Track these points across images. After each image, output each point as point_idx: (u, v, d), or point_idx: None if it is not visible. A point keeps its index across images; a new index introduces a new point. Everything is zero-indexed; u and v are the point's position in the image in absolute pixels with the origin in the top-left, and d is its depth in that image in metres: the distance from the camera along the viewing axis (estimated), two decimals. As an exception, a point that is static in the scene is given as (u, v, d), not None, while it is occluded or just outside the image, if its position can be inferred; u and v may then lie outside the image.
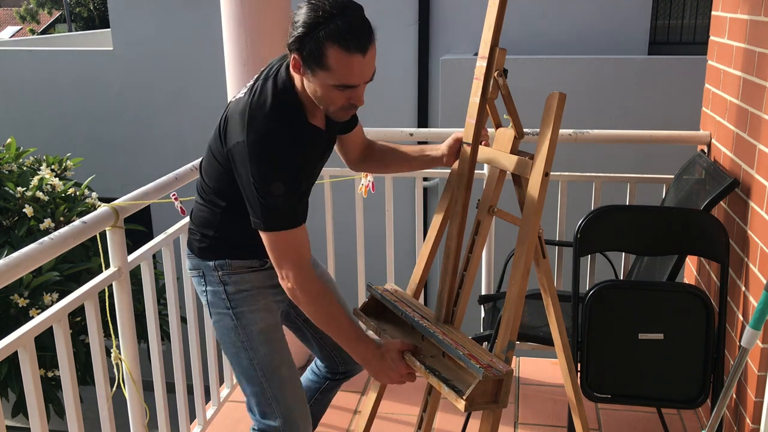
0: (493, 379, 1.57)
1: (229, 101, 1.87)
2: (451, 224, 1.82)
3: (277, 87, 1.72)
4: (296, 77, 1.71)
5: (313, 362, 2.22)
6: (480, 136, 1.80)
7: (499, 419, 1.67)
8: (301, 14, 1.61)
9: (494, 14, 1.70)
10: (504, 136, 1.77)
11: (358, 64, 1.62)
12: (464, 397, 1.56)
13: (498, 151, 1.77)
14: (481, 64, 1.72)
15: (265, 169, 1.66)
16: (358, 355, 1.81)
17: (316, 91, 1.67)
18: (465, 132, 1.80)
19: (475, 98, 1.75)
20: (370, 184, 2.72)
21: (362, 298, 3.14)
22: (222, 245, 1.86)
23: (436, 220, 1.87)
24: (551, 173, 1.66)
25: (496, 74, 1.70)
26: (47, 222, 4.01)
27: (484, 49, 1.71)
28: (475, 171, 1.86)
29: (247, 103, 1.70)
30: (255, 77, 1.80)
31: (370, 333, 2.37)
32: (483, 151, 1.82)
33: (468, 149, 1.79)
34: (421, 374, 1.71)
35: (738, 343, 2.06)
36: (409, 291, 1.95)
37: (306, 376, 2.20)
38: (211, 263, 1.86)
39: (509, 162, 1.73)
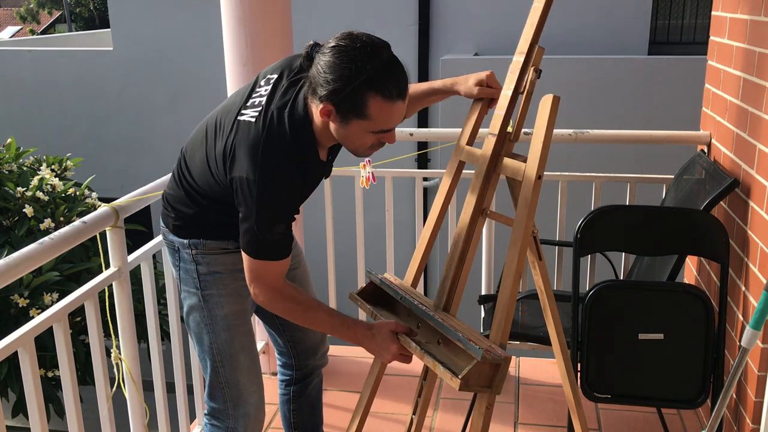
0: (491, 362, 1.56)
1: (231, 106, 1.73)
2: (464, 213, 1.80)
3: (295, 122, 1.62)
4: (316, 115, 1.62)
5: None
6: (506, 129, 1.77)
7: (490, 418, 1.67)
8: (332, 63, 1.52)
9: (538, 15, 1.70)
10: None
11: (398, 109, 1.58)
12: (460, 376, 1.54)
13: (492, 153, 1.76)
14: (518, 59, 1.72)
15: (272, 213, 1.62)
16: (350, 340, 1.79)
17: (348, 137, 1.61)
18: (492, 123, 1.78)
19: (507, 91, 1.75)
20: (371, 175, 2.68)
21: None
22: (198, 225, 1.83)
23: (433, 213, 1.86)
24: (552, 173, 1.65)
25: (532, 69, 1.69)
26: (47, 222, 4.00)
27: (524, 45, 1.71)
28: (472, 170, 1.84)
29: (260, 135, 1.61)
30: (265, 91, 1.68)
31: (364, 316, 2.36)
32: (476, 154, 1.81)
33: (492, 140, 1.77)
34: (416, 354, 1.69)
35: (738, 343, 2.06)
36: (406, 283, 1.94)
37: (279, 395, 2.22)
38: (185, 241, 1.84)
39: (503, 164, 1.72)
